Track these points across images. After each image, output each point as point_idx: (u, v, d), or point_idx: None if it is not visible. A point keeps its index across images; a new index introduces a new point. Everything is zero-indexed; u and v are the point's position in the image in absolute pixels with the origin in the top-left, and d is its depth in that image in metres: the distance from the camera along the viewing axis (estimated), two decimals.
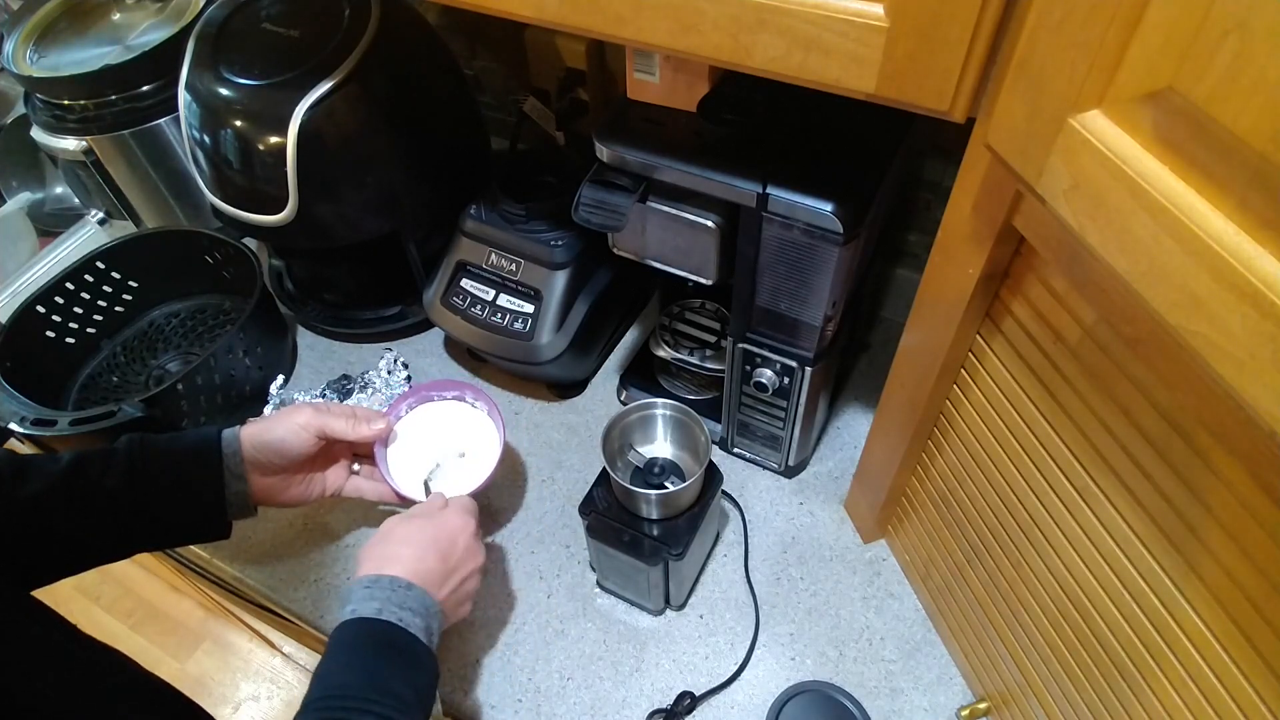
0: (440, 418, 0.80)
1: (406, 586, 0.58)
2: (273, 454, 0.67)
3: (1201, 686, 0.44)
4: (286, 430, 0.67)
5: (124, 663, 0.53)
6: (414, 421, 0.80)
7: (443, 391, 0.81)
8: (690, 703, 0.72)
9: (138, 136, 0.96)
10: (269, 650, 1.73)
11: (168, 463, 0.64)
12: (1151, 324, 0.33)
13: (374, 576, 0.58)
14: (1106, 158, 0.32)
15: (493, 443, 0.77)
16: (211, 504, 0.65)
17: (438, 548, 0.62)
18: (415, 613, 0.57)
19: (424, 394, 0.80)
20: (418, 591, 0.58)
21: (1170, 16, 0.29)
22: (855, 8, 0.40)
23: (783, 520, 0.84)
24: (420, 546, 0.61)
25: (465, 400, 0.81)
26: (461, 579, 0.64)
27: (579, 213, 0.66)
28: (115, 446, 0.63)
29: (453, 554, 0.63)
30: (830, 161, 0.62)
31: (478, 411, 0.80)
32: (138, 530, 0.63)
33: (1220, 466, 0.39)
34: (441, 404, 0.81)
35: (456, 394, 0.81)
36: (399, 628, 0.56)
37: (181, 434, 0.67)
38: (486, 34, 1.03)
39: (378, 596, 0.57)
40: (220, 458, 0.65)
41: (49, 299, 0.92)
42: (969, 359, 0.59)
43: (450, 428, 0.79)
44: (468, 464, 0.77)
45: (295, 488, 0.70)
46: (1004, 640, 0.64)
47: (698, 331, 0.88)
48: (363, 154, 0.82)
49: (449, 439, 0.78)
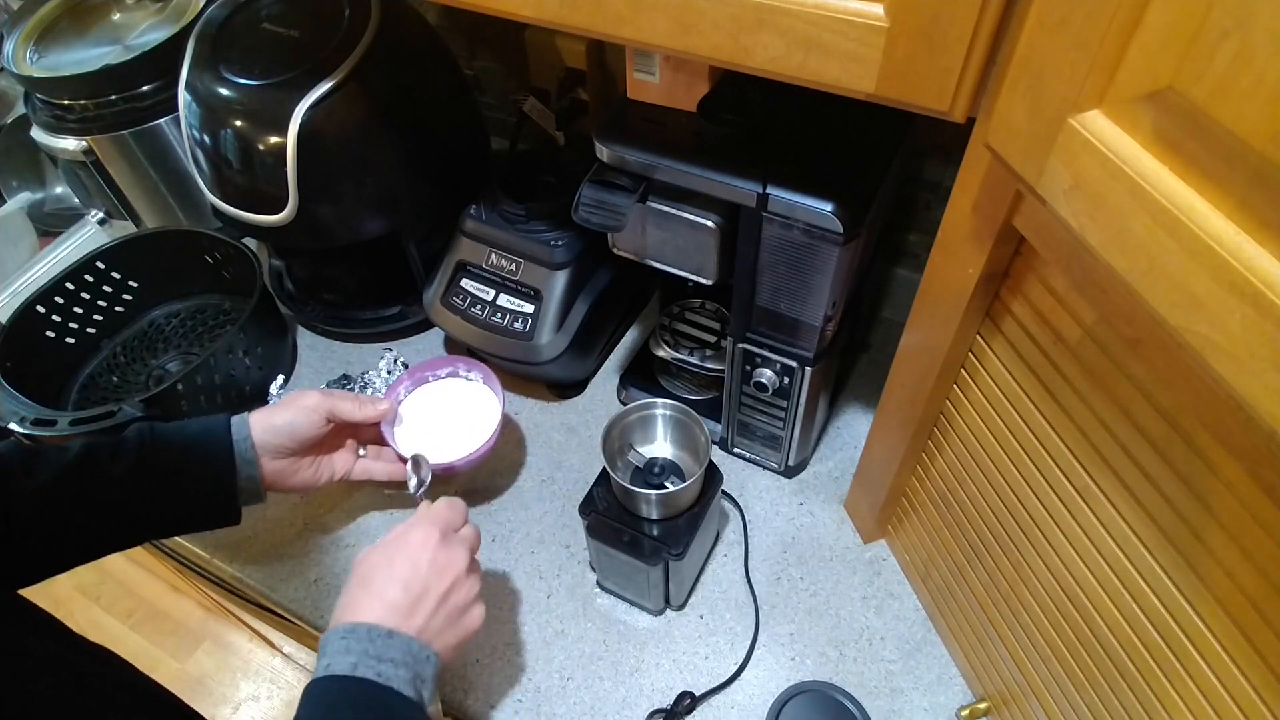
0: (439, 396, 0.84)
1: (387, 635, 0.52)
2: (283, 437, 0.67)
3: (1202, 686, 0.44)
4: (296, 412, 0.68)
5: (119, 666, 0.52)
6: (414, 403, 0.83)
7: (436, 370, 0.85)
8: (690, 703, 0.72)
9: (138, 136, 0.96)
10: (269, 650, 1.73)
11: (177, 450, 0.64)
12: (1151, 324, 0.33)
13: (350, 625, 0.53)
14: (1106, 158, 0.32)
15: (493, 409, 0.81)
16: (222, 490, 0.65)
17: (395, 578, 0.56)
18: (397, 663, 0.52)
19: (419, 375, 0.84)
20: (399, 639, 0.53)
21: (1170, 17, 0.29)
22: (855, 8, 0.40)
23: (783, 520, 0.84)
24: (379, 582, 0.55)
25: (460, 374, 0.85)
26: (439, 599, 0.56)
27: (579, 213, 0.66)
28: (125, 435, 0.63)
29: (415, 579, 0.56)
30: (830, 162, 0.62)
31: (473, 383, 0.84)
32: (148, 518, 0.63)
33: (1220, 466, 0.39)
34: (437, 383, 0.85)
35: (450, 369, 0.85)
36: (378, 685, 0.50)
37: (190, 421, 0.67)
38: (486, 34, 1.03)
39: (354, 650, 0.51)
40: (230, 443, 0.65)
41: (49, 299, 0.92)
42: (969, 359, 0.59)
43: (449, 403, 0.83)
44: (469, 433, 0.80)
45: (304, 471, 0.71)
46: (1004, 640, 0.64)
47: (698, 331, 0.88)
48: (363, 154, 0.82)
49: (449, 414, 0.82)
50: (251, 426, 0.66)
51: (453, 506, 0.63)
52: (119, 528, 0.62)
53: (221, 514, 0.66)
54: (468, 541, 0.61)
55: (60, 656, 0.48)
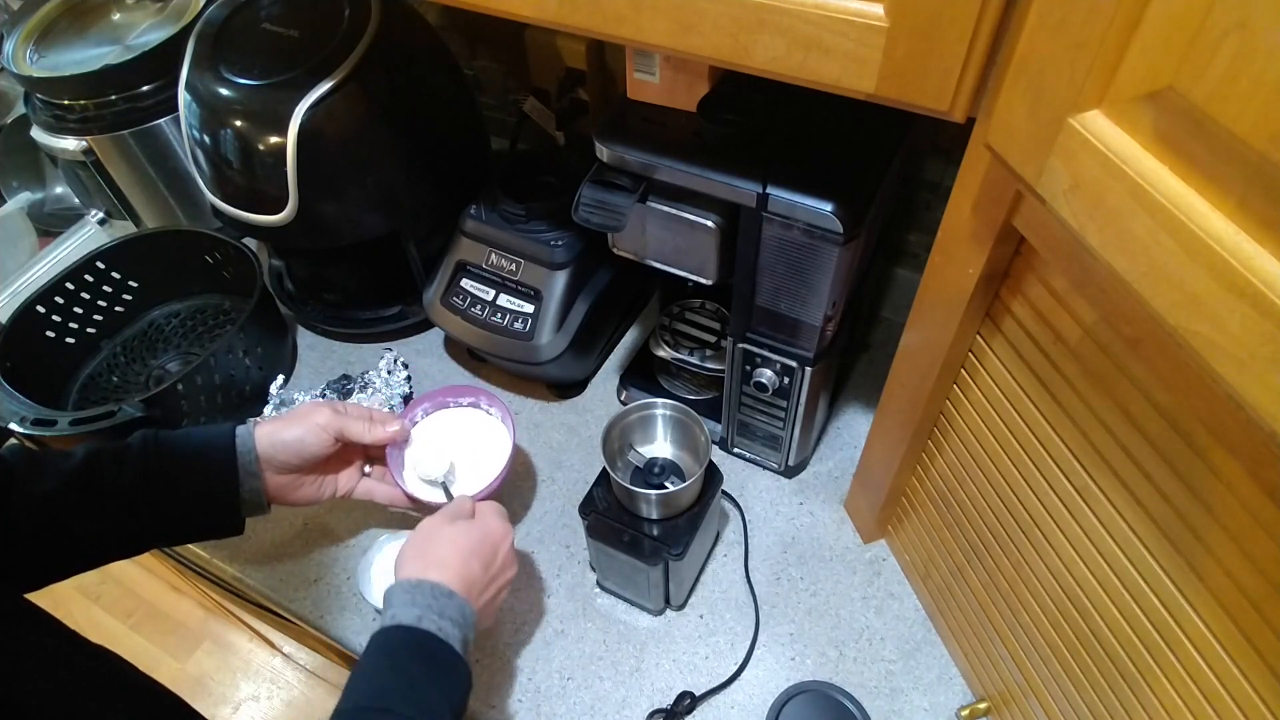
0: (454, 423, 0.80)
1: (448, 594, 0.57)
2: (290, 453, 0.66)
3: (1201, 686, 0.44)
4: (305, 430, 0.67)
5: (119, 666, 0.52)
6: (429, 426, 0.80)
7: (459, 398, 0.81)
8: (690, 703, 0.72)
9: (138, 136, 0.96)
10: (269, 650, 1.73)
11: (182, 459, 0.64)
12: (1151, 324, 0.33)
13: (415, 581, 0.57)
14: (1106, 158, 0.32)
15: (503, 446, 0.77)
16: (226, 501, 0.65)
17: (481, 554, 0.61)
18: (455, 623, 0.56)
19: (440, 399, 0.81)
20: (458, 600, 0.57)
21: (1170, 16, 0.29)
22: (855, 8, 0.40)
23: (783, 520, 0.84)
24: (465, 551, 0.60)
25: (480, 407, 0.81)
26: (499, 588, 0.63)
27: (579, 213, 0.66)
28: (129, 442, 0.63)
29: (494, 562, 0.62)
30: (830, 162, 0.62)
31: (491, 418, 0.81)
32: (151, 527, 0.63)
33: (1220, 466, 0.39)
34: (457, 410, 0.81)
35: (472, 400, 0.81)
36: (438, 638, 0.55)
37: (195, 430, 0.67)
38: (486, 34, 1.03)
39: (419, 603, 0.56)
40: (235, 454, 0.65)
41: (49, 299, 0.92)
42: (969, 359, 0.59)
43: (463, 432, 0.80)
44: (479, 466, 0.77)
45: (307, 488, 0.70)
46: (1004, 640, 0.64)
47: (698, 331, 0.88)
48: (363, 154, 0.82)
49: (461, 443, 0.78)
50: (258, 440, 0.66)
51: (503, 514, 0.67)
52: (123, 536, 0.62)
53: (224, 524, 0.66)
54: (510, 535, 0.66)
55: (62, 656, 0.48)
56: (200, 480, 0.64)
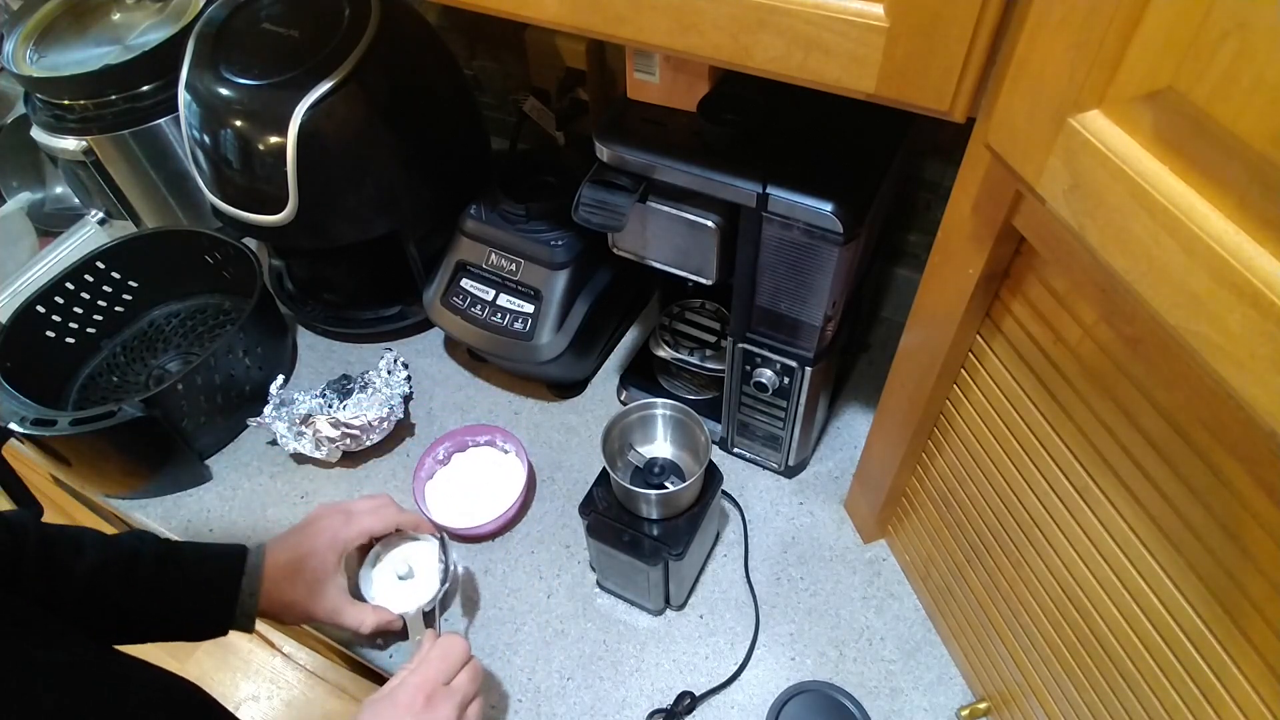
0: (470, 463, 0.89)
1: None
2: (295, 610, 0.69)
3: (1201, 686, 0.44)
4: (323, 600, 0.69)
5: (133, 665, 0.53)
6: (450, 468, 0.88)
7: (476, 437, 0.89)
8: (690, 703, 0.72)
9: (138, 136, 0.96)
10: (269, 650, 1.73)
11: (188, 587, 0.65)
12: (1151, 324, 0.33)
13: None
14: (1106, 158, 0.32)
15: (517, 480, 0.84)
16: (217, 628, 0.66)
17: (413, 708, 0.56)
18: None
19: (460, 439, 0.88)
20: None
21: (1170, 17, 0.29)
22: (855, 8, 0.40)
23: (783, 520, 0.84)
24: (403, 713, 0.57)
25: (496, 445, 0.89)
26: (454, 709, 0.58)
27: (579, 213, 0.66)
28: (140, 554, 0.64)
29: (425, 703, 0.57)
30: (830, 161, 0.62)
31: (507, 455, 0.88)
32: (138, 634, 0.64)
33: (1220, 466, 0.39)
34: (474, 450, 0.89)
35: (488, 438, 0.89)
36: None
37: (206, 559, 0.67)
38: (486, 34, 1.03)
39: None
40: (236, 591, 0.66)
41: (49, 299, 0.92)
42: (969, 359, 0.59)
43: (479, 472, 0.88)
44: (495, 502, 0.83)
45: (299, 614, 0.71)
46: (1004, 640, 0.64)
47: (698, 331, 0.88)
48: (363, 154, 0.82)
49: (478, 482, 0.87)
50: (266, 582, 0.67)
51: (446, 657, 0.61)
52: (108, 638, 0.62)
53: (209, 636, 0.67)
54: (457, 695, 0.59)
55: (73, 662, 0.48)
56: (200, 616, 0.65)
